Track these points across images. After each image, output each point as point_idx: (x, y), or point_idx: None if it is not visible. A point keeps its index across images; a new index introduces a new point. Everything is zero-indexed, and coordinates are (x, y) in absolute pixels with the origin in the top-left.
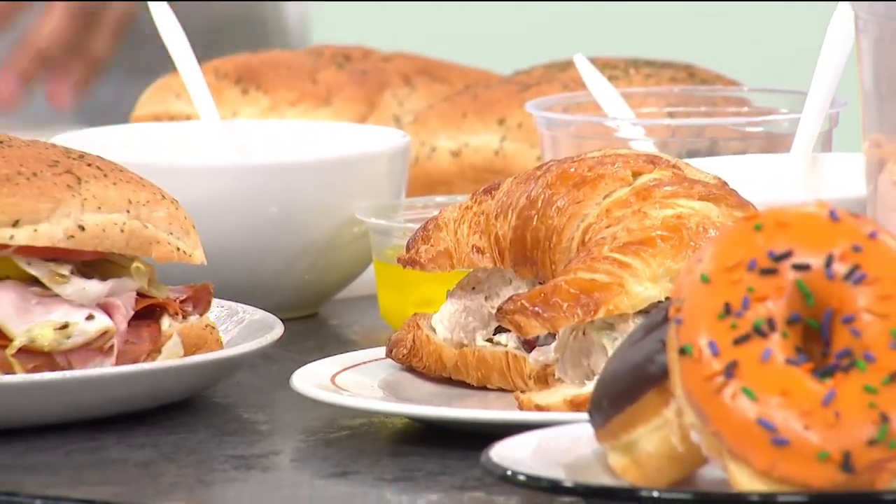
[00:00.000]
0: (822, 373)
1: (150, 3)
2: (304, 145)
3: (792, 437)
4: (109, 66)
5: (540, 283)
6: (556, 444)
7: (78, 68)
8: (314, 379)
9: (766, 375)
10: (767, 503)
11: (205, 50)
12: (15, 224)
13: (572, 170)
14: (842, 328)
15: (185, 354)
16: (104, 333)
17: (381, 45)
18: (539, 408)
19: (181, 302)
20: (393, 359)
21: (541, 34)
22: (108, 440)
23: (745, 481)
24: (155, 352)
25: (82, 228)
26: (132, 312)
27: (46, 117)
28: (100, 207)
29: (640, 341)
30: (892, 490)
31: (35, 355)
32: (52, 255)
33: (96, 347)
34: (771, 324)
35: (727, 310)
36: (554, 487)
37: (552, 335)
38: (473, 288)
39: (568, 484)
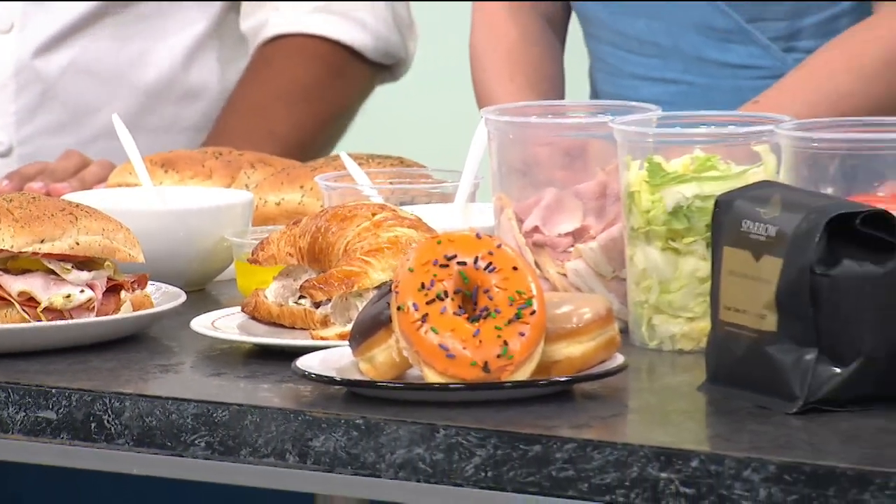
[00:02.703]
0: (473, 319)
1: (113, 117)
2: (197, 199)
3: (457, 353)
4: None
5: (323, 272)
6: (332, 358)
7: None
8: (202, 323)
9: (443, 321)
10: (441, 389)
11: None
12: (42, 241)
13: (339, 212)
14: (483, 296)
15: (133, 311)
16: (89, 300)
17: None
18: (323, 338)
19: (131, 283)
20: (245, 313)
21: None
22: (90, 356)
23: (431, 377)
24: (116, 310)
25: (78, 244)
26: (105, 288)
27: None
28: (88, 232)
29: (377, 303)
30: (510, 381)
31: (52, 311)
32: (62, 258)
33: (86, 307)
34: (445, 294)
35: (422, 286)
36: (330, 380)
37: (329, 300)
38: (287, 275)
39: (337, 378)
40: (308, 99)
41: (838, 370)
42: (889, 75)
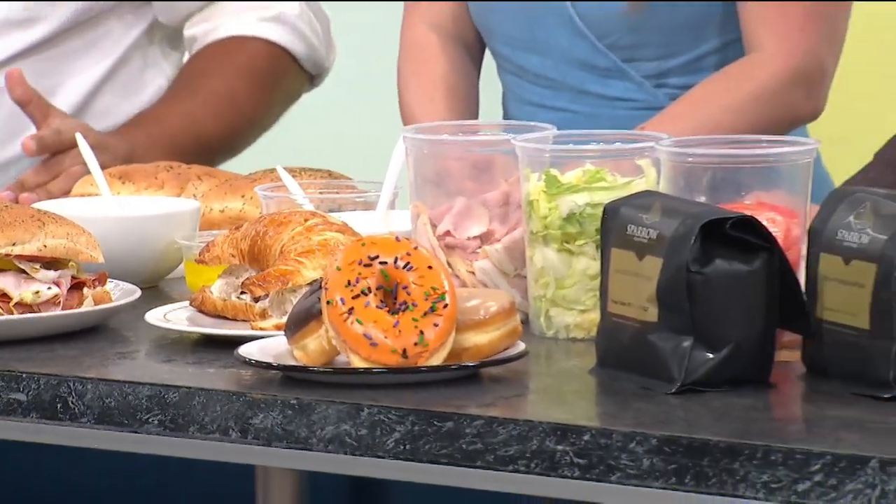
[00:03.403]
0: (393, 312)
1: (77, 135)
2: (151, 207)
3: (379, 341)
4: None
5: (261, 271)
6: (270, 346)
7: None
8: (156, 315)
9: (366, 314)
10: (366, 373)
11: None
12: (13, 244)
13: (276, 218)
14: (402, 291)
15: (94, 305)
16: (56, 296)
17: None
18: (261, 329)
19: (93, 280)
20: (193, 307)
21: (261, 156)
22: (56, 346)
23: (357, 362)
24: (80, 304)
25: (46, 246)
26: (69, 285)
27: None
28: (54, 236)
29: (309, 297)
30: (426, 365)
31: (23, 306)
32: (31, 259)
33: (52, 302)
34: (369, 290)
35: (348, 283)
36: (268, 366)
37: (267, 295)
38: (230, 273)
39: (274, 363)
40: (243, 97)
41: (711, 355)
42: (757, 109)
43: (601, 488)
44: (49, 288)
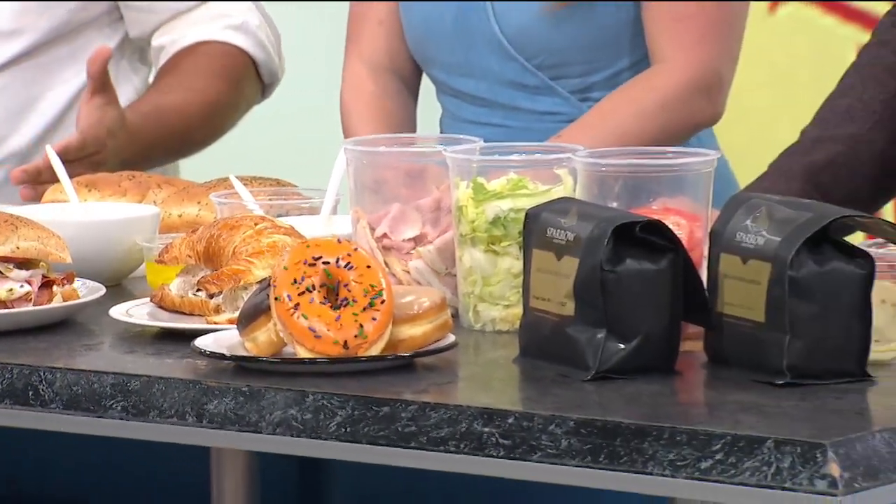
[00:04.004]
0: (335, 307)
1: (47, 147)
2: (115, 212)
3: (322, 334)
4: None
5: (216, 270)
6: (223, 338)
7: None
8: (119, 311)
9: (311, 309)
10: (310, 362)
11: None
12: None
13: (229, 222)
14: (343, 288)
15: (63, 301)
16: (28, 293)
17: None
18: (216, 323)
19: (62, 279)
20: (153, 303)
21: (216, 166)
22: (28, 338)
23: (302, 353)
24: (50, 301)
25: (18, 248)
26: (40, 283)
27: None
28: (26, 239)
29: (259, 294)
30: (365, 356)
31: None
32: (4, 259)
33: (25, 299)
34: (313, 287)
35: (295, 281)
36: (221, 356)
37: (221, 292)
38: (187, 272)
39: (227, 354)
40: (218, 93)
41: (622, 346)
42: (663, 116)
43: (524, 466)
44: (22, 286)
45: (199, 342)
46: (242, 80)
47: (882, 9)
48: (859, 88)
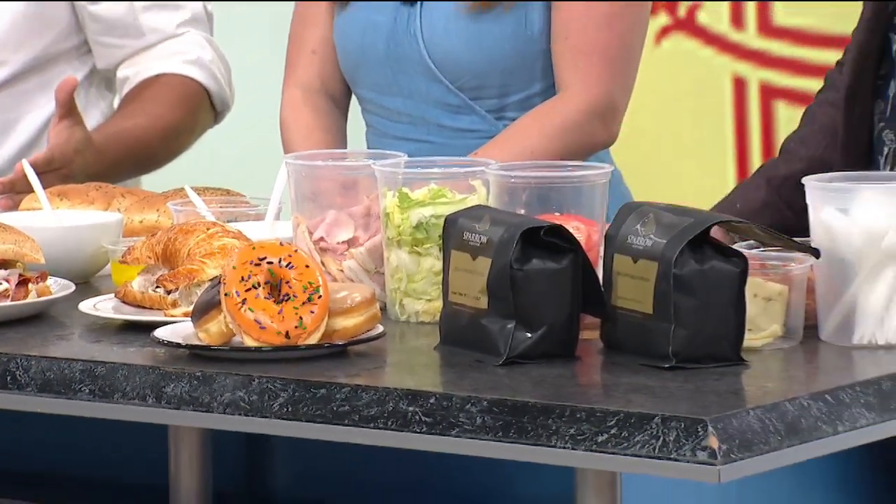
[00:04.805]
0: (278, 302)
1: (23, 162)
2: (83, 218)
3: (267, 325)
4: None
5: (173, 270)
6: (179, 329)
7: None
8: (87, 305)
9: (257, 303)
10: (256, 350)
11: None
12: None
13: (184, 227)
14: (285, 285)
15: (37, 297)
16: (6, 290)
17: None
18: (173, 316)
19: (36, 277)
20: (117, 298)
21: (172, 177)
22: (5, 330)
23: (249, 342)
24: (25, 297)
25: None
26: (17, 281)
27: None
28: (3, 242)
29: (210, 290)
30: (304, 344)
31: None
32: None
33: (3, 295)
34: (258, 284)
35: (242, 279)
36: (177, 345)
37: (177, 289)
38: (148, 271)
39: (183, 343)
40: (176, 118)
41: (529, 335)
42: (564, 137)
43: (444, 441)
44: (0, 284)
45: (158, 333)
46: (197, 108)
47: (751, 42)
48: (813, 120)
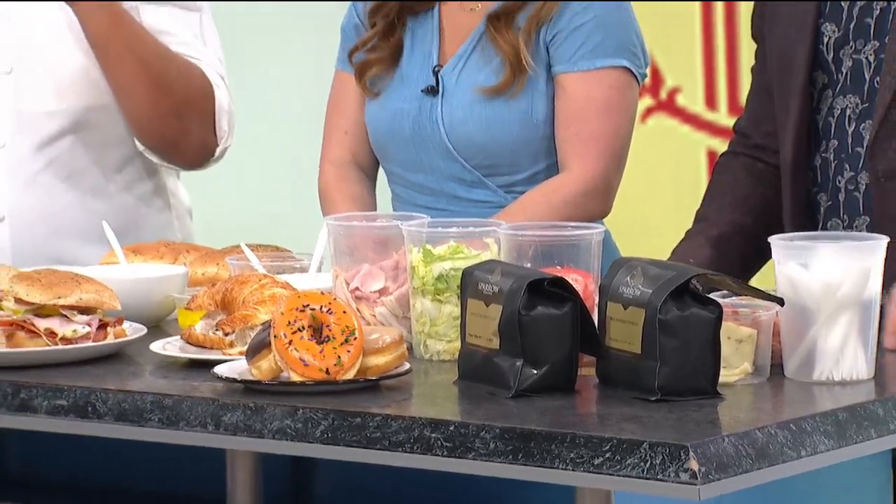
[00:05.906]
0: (319, 343)
1: (103, 223)
2: (154, 271)
3: (310, 363)
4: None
5: (230, 315)
6: (235, 366)
7: None
8: (157, 346)
9: (301, 344)
10: (301, 385)
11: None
12: (59, 297)
13: (239, 278)
14: (325, 329)
15: (115, 339)
16: (88, 333)
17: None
18: (230, 355)
19: (114, 322)
20: (183, 340)
21: (229, 235)
22: (88, 367)
23: (295, 378)
24: (104, 339)
25: (81, 299)
26: (97, 325)
27: None
28: (87, 292)
29: (262, 332)
30: (342, 379)
31: (65, 340)
32: (71, 308)
33: (86, 337)
34: (303, 327)
35: (289, 323)
36: (234, 381)
37: (234, 331)
38: (209, 316)
39: (238, 378)
40: (191, 69)
41: (535, 371)
42: (565, 211)
43: (462, 463)
44: (83, 327)
45: (217, 369)
46: (208, 95)
47: (722, 120)
48: (728, 189)
